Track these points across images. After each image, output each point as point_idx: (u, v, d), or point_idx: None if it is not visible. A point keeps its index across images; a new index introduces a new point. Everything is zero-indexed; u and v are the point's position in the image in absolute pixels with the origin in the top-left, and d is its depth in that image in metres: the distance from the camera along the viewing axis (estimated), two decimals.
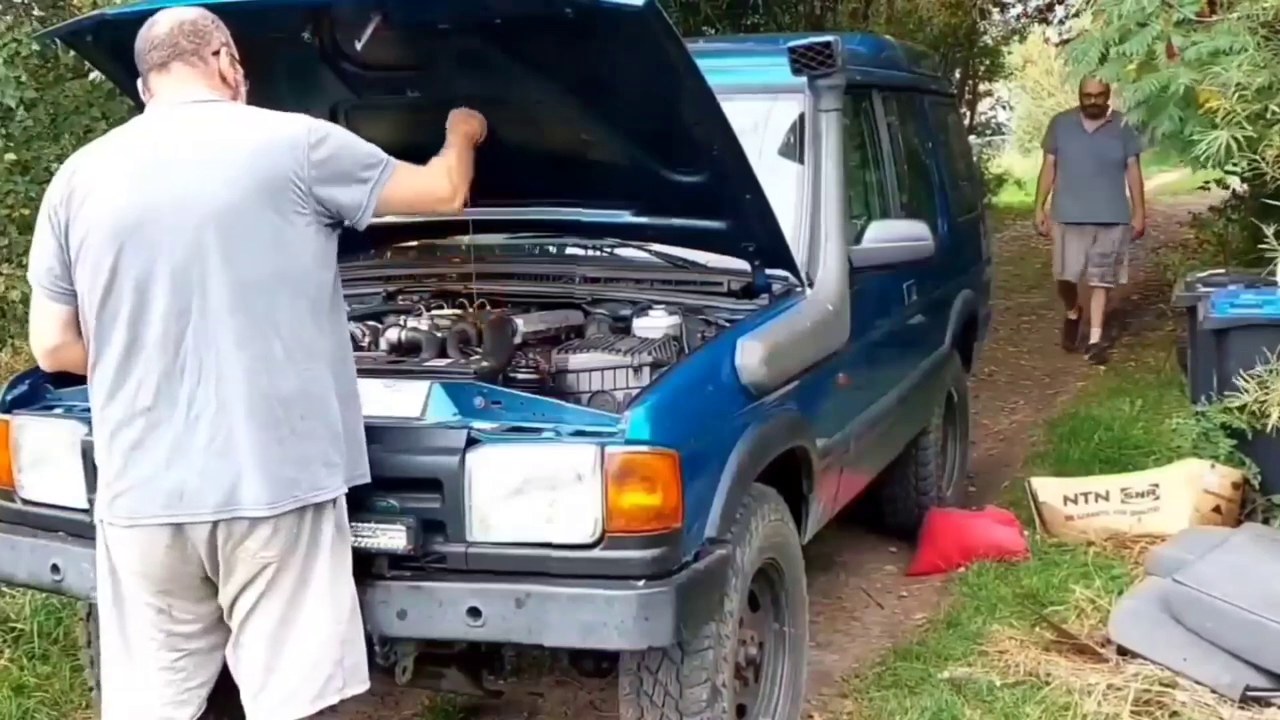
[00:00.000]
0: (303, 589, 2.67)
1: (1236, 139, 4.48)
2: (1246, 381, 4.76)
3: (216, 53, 2.73)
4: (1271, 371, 4.71)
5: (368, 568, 2.86)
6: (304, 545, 2.66)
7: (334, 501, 2.70)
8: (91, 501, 3.04)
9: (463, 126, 3.17)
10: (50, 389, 3.32)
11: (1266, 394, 4.62)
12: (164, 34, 2.70)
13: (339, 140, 2.71)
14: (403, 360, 3.32)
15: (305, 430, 2.63)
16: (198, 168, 2.60)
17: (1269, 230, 4.72)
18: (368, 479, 2.78)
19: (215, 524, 2.61)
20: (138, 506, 2.65)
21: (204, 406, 2.59)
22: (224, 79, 2.75)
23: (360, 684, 2.76)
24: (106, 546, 2.74)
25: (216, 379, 2.59)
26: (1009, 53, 17.48)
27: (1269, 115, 4.54)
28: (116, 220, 2.60)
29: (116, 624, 2.79)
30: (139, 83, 2.77)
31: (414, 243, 4.26)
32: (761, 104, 4.09)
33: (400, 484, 2.89)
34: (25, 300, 5.75)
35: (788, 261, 3.65)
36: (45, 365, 2.93)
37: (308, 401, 2.63)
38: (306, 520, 2.65)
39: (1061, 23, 14.57)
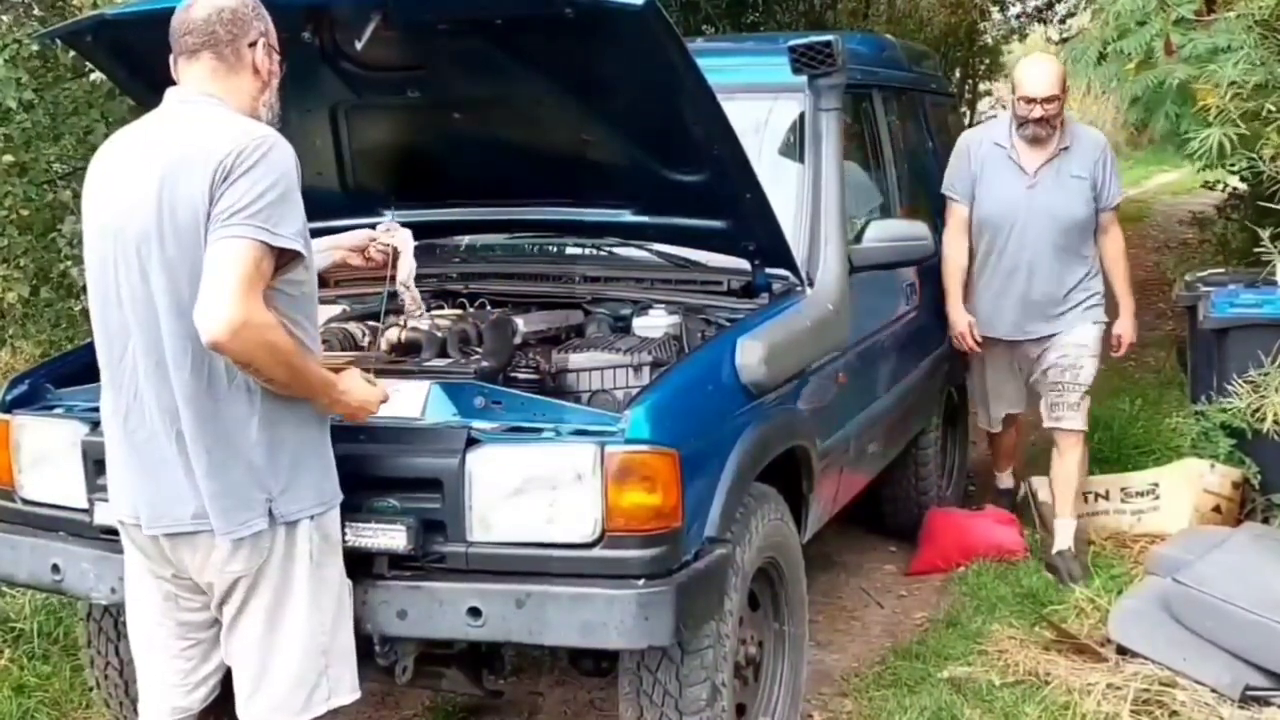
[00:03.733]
0: (282, 602, 2.61)
1: (1230, 137, 4.48)
2: (1241, 386, 4.76)
3: (254, 43, 2.59)
4: (1265, 374, 4.71)
5: (368, 568, 2.85)
6: (278, 559, 2.58)
7: (311, 516, 2.62)
8: (91, 501, 3.05)
9: (359, 397, 2.71)
10: (50, 389, 3.33)
11: (1262, 398, 4.62)
12: (200, 19, 2.55)
13: (258, 175, 2.43)
14: (403, 360, 3.32)
15: (218, 463, 2.51)
16: (137, 182, 2.49)
17: (1264, 234, 4.72)
18: (330, 505, 2.66)
19: (176, 536, 2.58)
20: (120, 507, 2.67)
21: (138, 425, 2.57)
22: (256, 71, 2.60)
23: (349, 693, 2.72)
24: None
25: (148, 400, 2.54)
26: (1009, 52, 17.46)
27: (1265, 114, 4.54)
28: (101, 223, 2.58)
29: (134, 613, 2.79)
30: (170, 61, 2.62)
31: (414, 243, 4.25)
32: (761, 104, 4.10)
33: (400, 484, 2.88)
34: (24, 301, 5.75)
35: (788, 261, 3.65)
36: None
37: (214, 435, 2.50)
38: (278, 536, 2.57)
39: (1061, 22, 14.59)
